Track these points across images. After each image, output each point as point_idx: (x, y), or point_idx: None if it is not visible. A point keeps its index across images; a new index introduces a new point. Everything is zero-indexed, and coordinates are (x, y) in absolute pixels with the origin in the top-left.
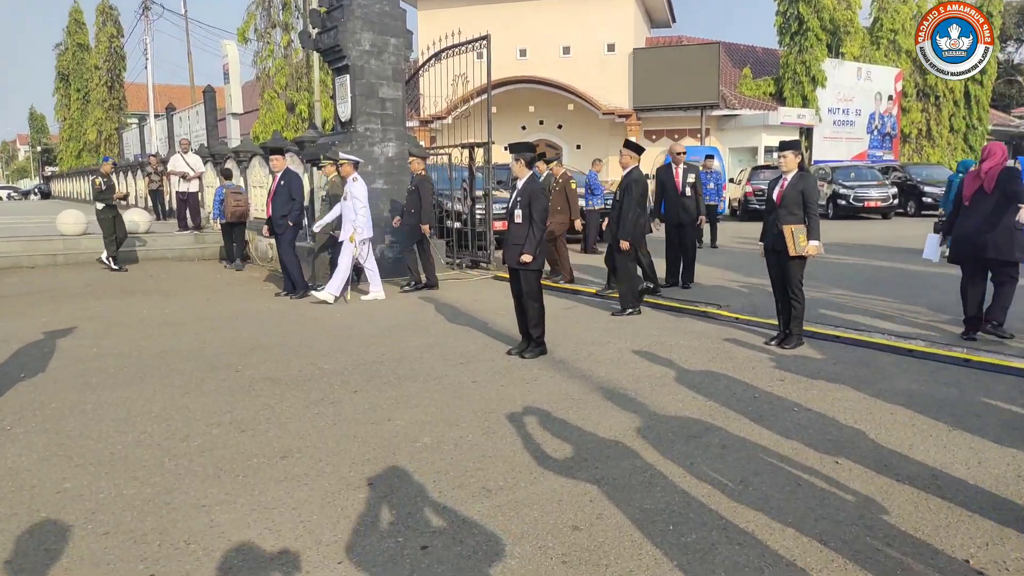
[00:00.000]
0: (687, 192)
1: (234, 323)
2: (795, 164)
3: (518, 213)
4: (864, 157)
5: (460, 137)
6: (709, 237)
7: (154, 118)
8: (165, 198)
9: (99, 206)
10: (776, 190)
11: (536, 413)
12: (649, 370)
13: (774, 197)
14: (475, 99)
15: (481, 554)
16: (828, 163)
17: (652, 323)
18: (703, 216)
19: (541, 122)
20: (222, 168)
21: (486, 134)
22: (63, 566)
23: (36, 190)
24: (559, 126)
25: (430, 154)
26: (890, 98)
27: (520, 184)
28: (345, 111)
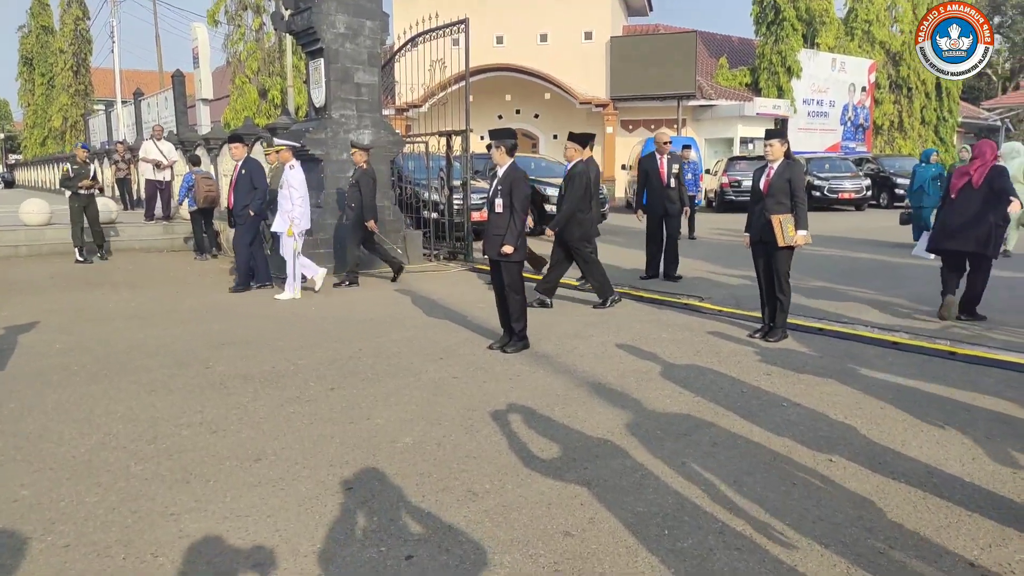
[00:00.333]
0: (671, 183)
1: (204, 317)
2: (781, 152)
3: (499, 202)
4: (837, 148)
5: (436, 125)
6: (687, 228)
7: (121, 104)
8: (133, 187)
9: (67, 194)
10: (763, 179)
11: (520, 410)
12: (634, 364)
13: (760, 186)
14: (452, 86)
15: (469, 564)
16: (803, 154)
17: (635, 316)
18: (687, 208)
19: (518, 111)
20: (191, 155)
21: (463, 122)
22: None
23: None
24: (536, 115)
25: (407, 142)
26: (863, 89)
27: (501, 172)
28: (319, 96)
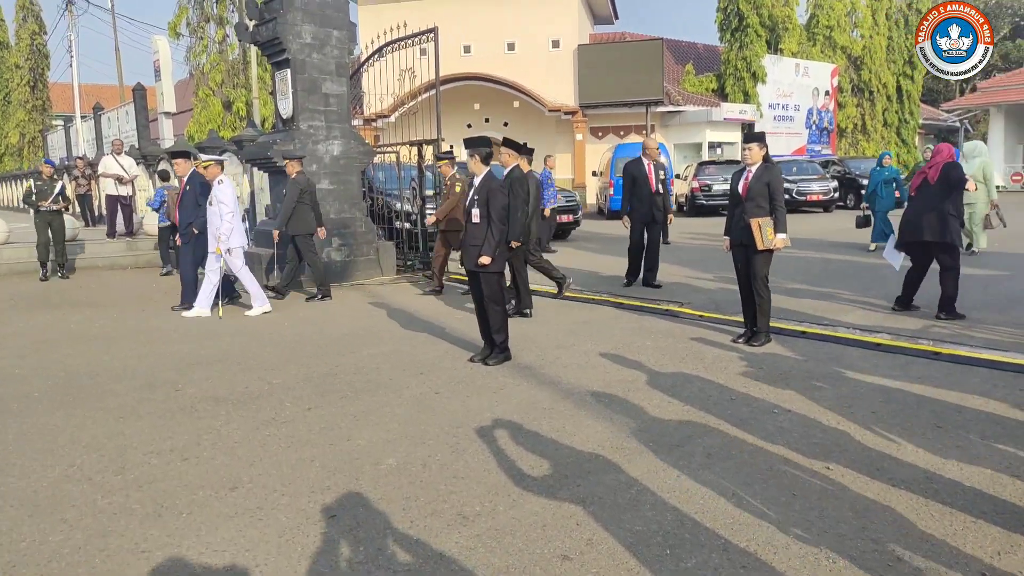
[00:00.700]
0: (659, 189)
1: (172, 336)
2: (760, 156)
3: (475, 212)
4: (803, 152)
5: (405, 135)
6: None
7: (80, 119)
8: (94, 203)
9: (31, 211)
10: (741, 183)
11: (507, 426)
12: (619, 374)
13: (739, 190)
14: (422, 95)
15: None
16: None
17: (616, 323)
18: (671, 214)
19: (487, 120)
20: (158, 170)
21: (434, 131)
22: None
23: None
24: (505, 123)
25: (377, 152)
26: (827, 93)
27: (477, 181)
28: (286, 108)
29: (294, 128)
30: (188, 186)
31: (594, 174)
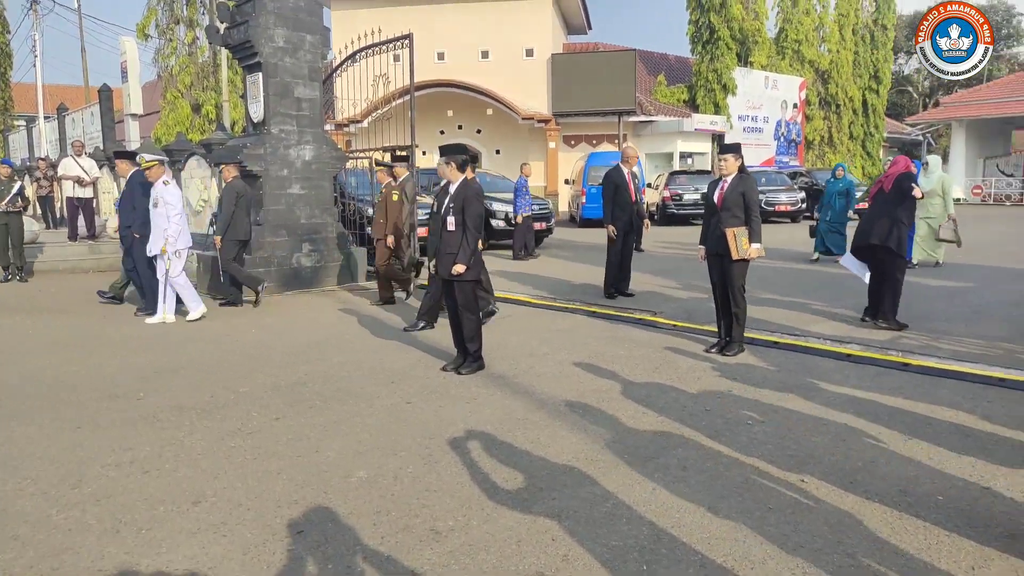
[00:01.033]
0: (640, 198)
1: (134, 343)
2: (736, 167)
3: (451, 220)
4: (772, 163)
5: (378, 141)
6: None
7: (44, 120)
8: (56, 205)
9: None
10: (716, 193)
11: (480, 437)
12: (593, 384)
13: (715, 200)
14: (396, 101)
15: None
16: None
17: (589, 332)
18: (647, 221)
19: (460, 127)
20: None
21: (407, 137)
22: None
23: None
24: (478, 131)
25: (350, 157)
26: (795, 106)
27: (452, 189)
28: (257, 112)
29: (265, 132)
30: (127, 188)
31: (567, 182)
